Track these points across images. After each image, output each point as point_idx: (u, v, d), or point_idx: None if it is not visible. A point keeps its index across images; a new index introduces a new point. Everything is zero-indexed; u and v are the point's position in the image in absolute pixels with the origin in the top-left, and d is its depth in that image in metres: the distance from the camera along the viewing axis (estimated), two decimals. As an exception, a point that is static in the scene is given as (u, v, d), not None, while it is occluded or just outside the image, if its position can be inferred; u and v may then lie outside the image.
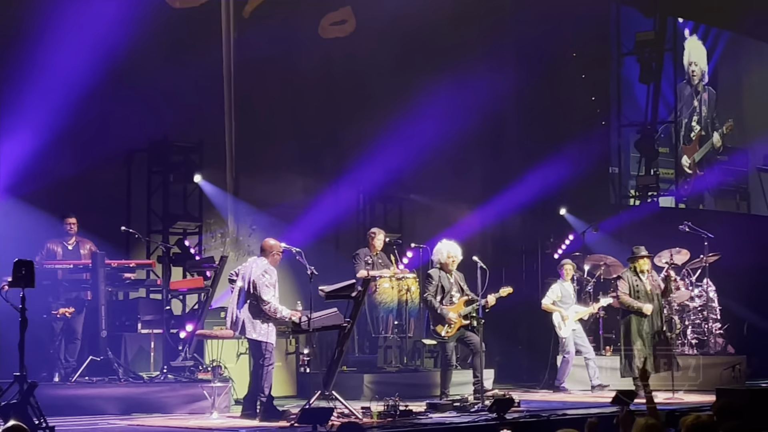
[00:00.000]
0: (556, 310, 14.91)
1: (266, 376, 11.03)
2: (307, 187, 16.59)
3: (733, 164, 21.39)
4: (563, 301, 14.97)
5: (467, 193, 18.39)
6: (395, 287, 14.20)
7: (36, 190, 12.99)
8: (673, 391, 13.53)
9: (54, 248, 12.64)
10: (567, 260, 15.46)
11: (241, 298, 11.17)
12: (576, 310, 15.03)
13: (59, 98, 12.82)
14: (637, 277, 13.78)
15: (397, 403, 10.92)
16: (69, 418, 10.44)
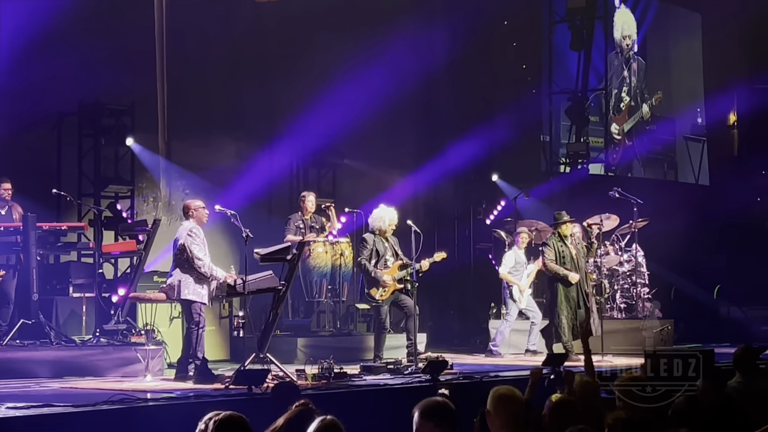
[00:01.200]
0: (514, 282, 14.85)
1: (200, 339, 10.98)
2: (240, 151, 16.49)
3: (660, 133, 21.64)
4: (516, 269, 14.97)
5: (400, 159, 18.41)
6: (329, 252, 14.20)
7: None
8: (602, 354, 13.71)
9: None
10: (523, 228, 15.42)
11: (173, 263, 11.11)
12: (527, 273, 15.05)
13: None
14: (562, 243, 13.93)
15: (331, 366, 10.93)
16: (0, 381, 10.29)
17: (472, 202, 18.89)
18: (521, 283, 14.83)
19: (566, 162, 20.12)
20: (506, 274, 14.91)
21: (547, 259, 13.90)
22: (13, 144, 13.52)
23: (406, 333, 12.82)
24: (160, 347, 11.73)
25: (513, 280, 14.87)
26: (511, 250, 15.20)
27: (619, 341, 14.66)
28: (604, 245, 15.71)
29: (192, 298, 10.93)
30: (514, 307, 14.88)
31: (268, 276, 11.21)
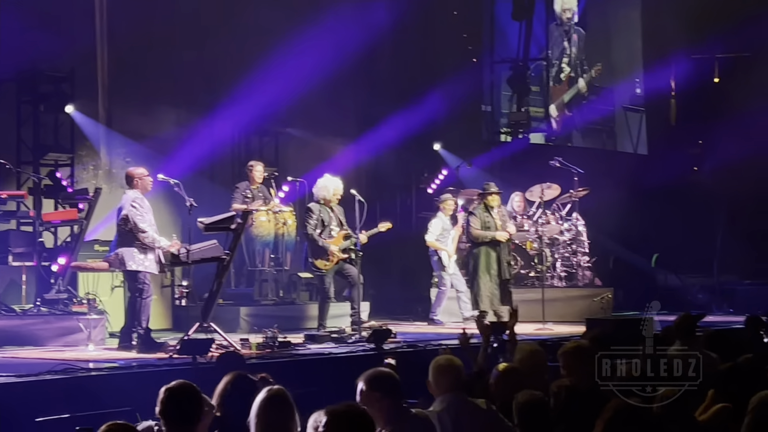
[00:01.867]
0: (441, 248, 14.93)
1: (144, 309, 10.93)
2: (182, 119, 16.32)
3: (600, 103, 21.77)
4: (443, 235, 15.08)
5: (343, 128, 18.36)
6: (272, 221, 14.17)
7: None
8: (543, 322, 13.85)
9: None
10: (447, 195, 15.51)
11: (116, 234, 11.02)
12: (451, 238, 15.14)
13: None
14: (488, 213, 14.06)
15: (275, 335, 10.94)
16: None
17: (415, 171, 18.91)
18: (448, 248, 14.92)
19: (507, 131, 20.19)
20: (433, 241, 14.97)
21: (473, 227, 14.03)
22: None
23: (349, 302, 12.86)
24: (102, 316, 11.66)
25: (440, 246, 14.96)
26: (437, 217, 15.25)
27: (559, 310, 14.81)
28: (545, 214, 15.83)
29: (137, 268, 10.87)
30: (445, 274, 14.99)
31: (213, 245, 11.16)
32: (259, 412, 5.09)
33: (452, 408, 6.05)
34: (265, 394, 5.19)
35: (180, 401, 5.06)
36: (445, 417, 6.02)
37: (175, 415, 5.04)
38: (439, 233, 15.04)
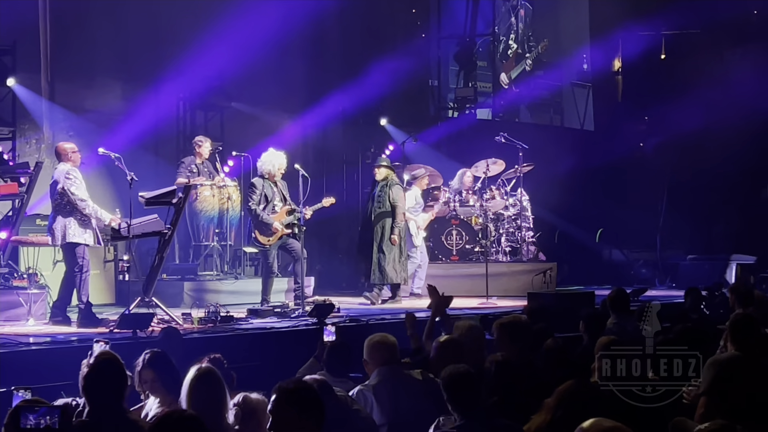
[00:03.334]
0: (410, 219, 14.94)
1: (83, 283, 10.90)
2: (126, 92, 16.23)
3: (548, 79, 21.91)
4: (415, 208, 15.09)
5: (289, 102, 18.32)
6: (216, 195, 14.18)
7: None
8: (487, 296, 13.99)
9: None
10: (422, 171, 15.53)
11: (52, 208, 10.97)
12: (423, 218, 15.24)
13: None
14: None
15: (217, 310, 10.98)
16: None
17: (361, 146, 18.94)
18: (417, 219, 14.98)
19: (454, 107, 20.28)
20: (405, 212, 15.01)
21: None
22: None
23: (293, 276, 12.90)
24: (43, 291, 11.63)
25: (411, 216, 14.98)
26: (411, 189, 15.25)
27: (503, 284, 14.96)
28: (490, 189, 15.95)
29: (76, 240, 10.83)
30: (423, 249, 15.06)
31: (154, 219, 11.18)
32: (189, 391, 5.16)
33: (388, 381, 6.14)
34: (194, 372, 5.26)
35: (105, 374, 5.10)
36: (381, 389, 6.11)
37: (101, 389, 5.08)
38: (411, 206, 15.04)
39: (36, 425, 4.19)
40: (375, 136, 19.01)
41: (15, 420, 4.19)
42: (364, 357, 6.32)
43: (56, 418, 4.20)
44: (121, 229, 10.90)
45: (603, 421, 3.90)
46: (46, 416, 4.21)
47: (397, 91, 18.95)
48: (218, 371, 5.30)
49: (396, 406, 6.02)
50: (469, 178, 16.13)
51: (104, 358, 5.20)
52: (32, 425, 4.18)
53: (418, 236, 15.04)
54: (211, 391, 5.13)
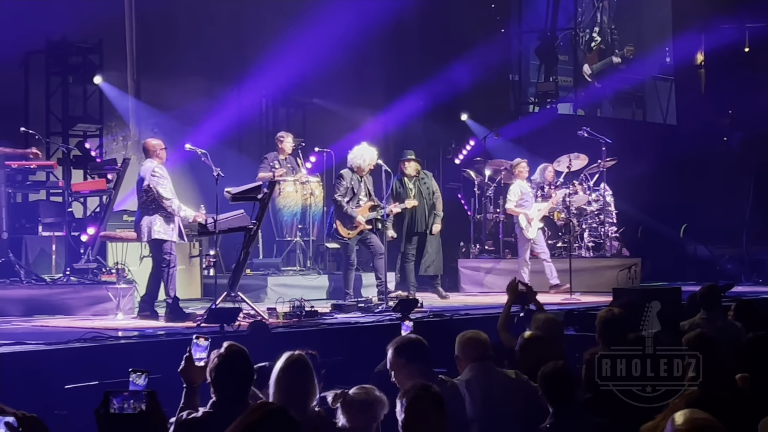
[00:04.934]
0: (520, 212, 14.71)
1: (170, 278, 10.97)
2: (210, 90, 16.39)
3: (630, 72, 21.64)
4: (524, 199, 14.92)
5: (370, 98, 18.33)
6: (299, 191, 14.20)
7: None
8: (571, 292, 13.83)
9: None
10: (519, 159, 15.32)
11: (138, 205, 11.07)
12: (538, 208, 14.93)
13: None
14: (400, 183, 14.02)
15: (302, 304, 10.98)
16: (-30, 319, 10.28)
17: (442, 141, 18.87)
18: (529, 212, 14.74)
19: (535, 102, 20.12)
20: (513, 207, 14.80)
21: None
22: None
23: (375, 272, 12.88)
24: (131, 286, 11.72)
25: (518, 210, 14.71)
26: (514, 183, 15.06)
27: (586, 280, 14.78)
28: (573, 184, 15.78)
29: (162, 237, 10.91)
30: (540, 242, 14.77)
31: (240, 215, 11.19)
32: (278, 377, 5.15)
33: (480, 377, 6.09)
34: (285, 359, 5.25)
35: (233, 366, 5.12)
36: (474, 385, 6.07)
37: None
38: (518, 198, 14.81)
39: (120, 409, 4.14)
40: (455, 131, 18.94)
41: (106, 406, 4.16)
42: (456, 353, 6.27)
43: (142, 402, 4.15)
44: (207, 224, 10.94)
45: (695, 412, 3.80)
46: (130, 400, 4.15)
47: (478, 87, 18.87)
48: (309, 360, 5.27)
49: (488, 402, 5.96)
50: (551, 172, 15.95)
51: (233, 350, 5.19)
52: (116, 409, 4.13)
53: (530, 229, 14.76)
54: (300, 378, 5.12)
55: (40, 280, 11.98)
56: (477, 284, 15.58)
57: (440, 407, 4.60)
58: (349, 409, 5.04)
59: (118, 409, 4.08)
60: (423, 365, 5.80)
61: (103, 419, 4.08)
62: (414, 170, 14.03)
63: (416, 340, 6.04)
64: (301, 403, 4.99)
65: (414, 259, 14.12)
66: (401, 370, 5.83)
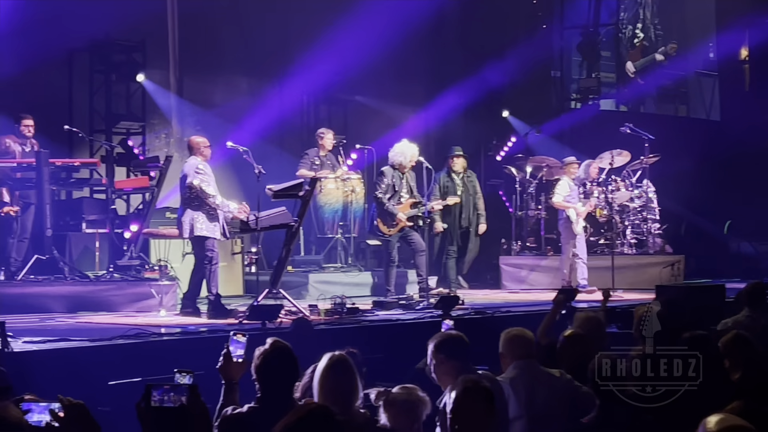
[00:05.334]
0: (569, 206, 14.58)
1: (213, 275, 10.98)
2: (252, 87, 16.46)
3: (673, 68, 21.46)
4: (571, 196, 14.75)
5: (411, 95, 18.33)
6: (340, 188, 14.22)
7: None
8: (613, 289, 13.73)
9: (13, 147, 12.35)
10: (572, 158, 15.22)
11: (181, 202, 11.10)
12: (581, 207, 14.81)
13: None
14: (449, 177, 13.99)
15: (343, 301, 10.99)
16: (16, 316, 10.33)
17: (483, 138, 18.81)
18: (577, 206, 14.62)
19: (577, 98, 20.01)
20: (561, 201, 14.67)
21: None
22: (25, 81, 13.44)
23: (416, 269, 12.86)
24: (173, 283, 11.79)
25: (566, 204, 14.59)
26: (563, 179, 14.96)
27: (629, 277, 14.69)
28: (615, 181, 15.68)
29: (205, 234, 10.94)
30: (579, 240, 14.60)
31: (281, 212, 11.22)
32: (321, 378, 5.15)
33: (525, 375, 6.07)
34: (327, 360, 5.25)
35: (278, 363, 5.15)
36: (518, 383, 6.06)
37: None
38: (567, 194, 14.69)
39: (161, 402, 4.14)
40: (496, 128, 18.89)
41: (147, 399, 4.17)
42: (500, 350, 6.26)
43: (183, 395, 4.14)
44: (249, 221, 10.98)
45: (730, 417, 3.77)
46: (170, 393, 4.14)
47: (519, 83, 18.81)
48: (351, 360, 5.28)
49: (532, 400, 5.95)
50: (594, 169, 15.83)
51: (278, 346, 5.22)
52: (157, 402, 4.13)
53: (578, 223, 14.63)
54: (343, 379, 5.13)
55: (84, 276, 12.08)
56: (518, 281, 15.52)
57: (490, 402, 4.59)
58: (391, 408, 5.04)
59: (158, 402, 4.09)
60: (462, 362, 5.80)
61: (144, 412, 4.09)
62: (461, 166, 14.08)
63: (456, 336, 6.04)
64: (344, 404, 4.99)
65: (456, 256, 14.12)
66: (440, 367, 5.84)
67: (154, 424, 4.06)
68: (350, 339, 8.13)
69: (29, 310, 11.00)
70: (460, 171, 14.05)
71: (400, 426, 5.04)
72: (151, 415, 4.06)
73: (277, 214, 11.18)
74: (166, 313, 11.17)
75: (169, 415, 4.07)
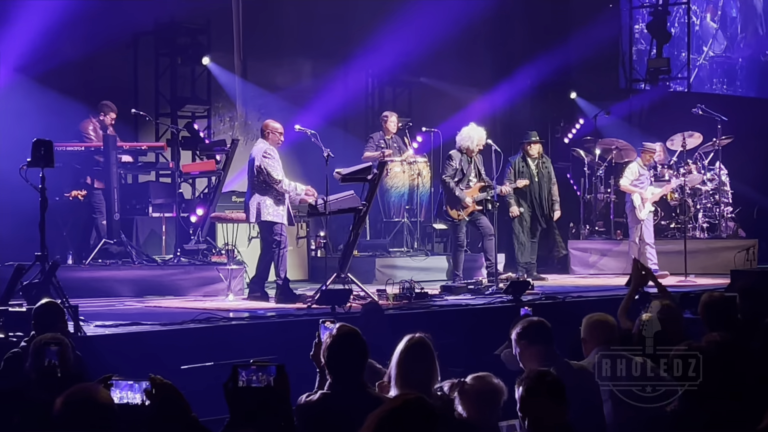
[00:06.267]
0: (634, 191, 14.47)
1: (281, 259, 11.05)
2: (316, 70, 16.47)
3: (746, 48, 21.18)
4: (640, 181, 14.61)
5: (476, 77, 18.24)
6: (406, 171, 14.21)
7: (46, 71, 12.84)
8: (686, 274, 13.62)
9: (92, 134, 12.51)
10: (653, 145, 15.06)
11: (248, 186, 11.14)
12: (652, 191, 14.65)
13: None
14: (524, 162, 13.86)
15: (412, 286, 10.98)
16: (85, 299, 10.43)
17: (550, 120, 18.67)
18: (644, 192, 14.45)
19: (647, 78, 19.78)
20: (628, 185, 14.55)
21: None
22: (91, 65, 13.61)
23: (484, 253, 12.82)
24: (241, 267, 11.87)
25: (632, 188, 14.45)
26: (634, 162, 14.78)
27: (701, 261, 14.53)
28: (687, 164, 15.49)
29: (272, 219, 10.98)
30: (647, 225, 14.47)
31: (350, 196, 11.22)
32: (399, 360, 5.15)
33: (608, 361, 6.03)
34: (405, 342, 5.25)
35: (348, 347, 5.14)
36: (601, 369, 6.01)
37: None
38: (635, 177, 14.56)
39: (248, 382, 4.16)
40: (564, 109, 18.75)
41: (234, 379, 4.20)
42: (582, 335, 6.22)
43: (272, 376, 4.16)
44: (318, 205, 11.01)
45: None
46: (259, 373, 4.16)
47: (587, 64, 18.65)
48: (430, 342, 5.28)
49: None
50: (662, 152, 15.68)
51: (346, 331, 5.22)
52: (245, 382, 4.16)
53: (642, 210, 14.50)
54: (422, 361, 5.12)
55: (151, 260, 12.20)
56: (587, 266, 15.40)
57: (558, 394, 4.58)
58: (467, 399, 5.03)
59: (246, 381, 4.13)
60: (546, 346, 5.79)
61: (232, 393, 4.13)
62: (537, 152, 13.97)
63: (539, 321, 6.03)
64: (423, 387, 4.98)
65: (526, 240, 14.00)
66: (524, 353, 5.83)
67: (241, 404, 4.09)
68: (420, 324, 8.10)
69: (98, 294, 11.15)
70: (535, 156, 13.95)
71: (477, 415, 5.03)
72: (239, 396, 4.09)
73: (346, 198, 11.19)
74: (233, 298, 11.25)
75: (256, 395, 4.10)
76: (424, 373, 5.13)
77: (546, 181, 13.97)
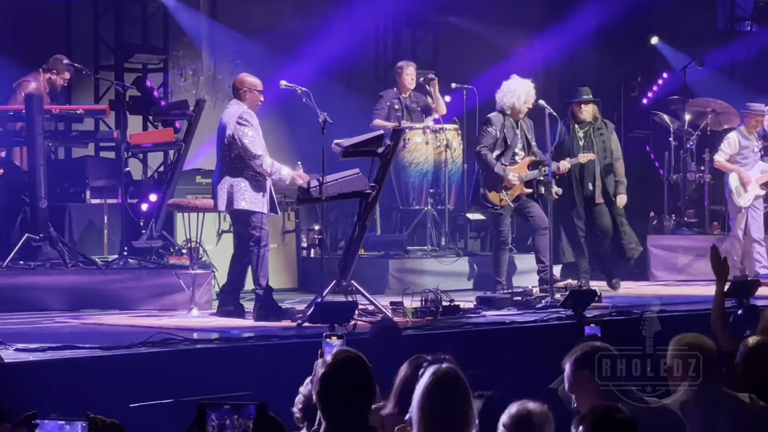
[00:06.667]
0: (732, 169, 14.57)
1: (261, 261, 10.98)
2: (308, 7, 16.47)
3: None
4: (743, 155, 14.69)
5: (523, 16, 18.28)
6: (431, 142, 14.22)
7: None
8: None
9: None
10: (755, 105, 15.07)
11: (218, 163, 11.13)
12: (762, 169, 14.73)
13: None
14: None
15: (438, 298, 11.00)
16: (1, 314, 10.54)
17: (622, 75, 18.72)
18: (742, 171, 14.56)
19: (753, 17, 19.80)
20: (723, 161, 14.66)
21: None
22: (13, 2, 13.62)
23: (535, 253, 12.83)
24: (208, 271, 11.86)
25: (729, 165, 14.55)
26: (735, 131, 14.87)
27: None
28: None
29: (248, 207, 10.94)
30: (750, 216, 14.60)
31: (355, 175, 11.14)
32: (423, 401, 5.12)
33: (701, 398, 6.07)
34: (430, 376, 5.24)
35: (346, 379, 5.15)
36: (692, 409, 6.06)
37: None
38: (735, 151, 14.65)
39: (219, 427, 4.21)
40: (641, 60, 18.78)
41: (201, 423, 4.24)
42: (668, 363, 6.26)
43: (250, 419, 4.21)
44: (311, 188, 10.90)
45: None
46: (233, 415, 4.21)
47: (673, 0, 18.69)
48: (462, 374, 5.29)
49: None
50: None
51: (344, 357, 5.21)
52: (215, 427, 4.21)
53: (743, 195, 14.56)
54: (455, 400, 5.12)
55: (90, 262, 12.21)
56: (673, 269, 15.43)
57: None
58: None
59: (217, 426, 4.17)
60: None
61: None
62: (591, 115, 13.83)
63: (603, 347, 6.05)
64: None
65: (584, 235, 13.90)
66: (584, 387, 5.86)
67: None
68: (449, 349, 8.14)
69: (19, 306, 11.19)
70: (587, 121, 13.81)
71: None
72: None
73: (349, 179, 11.13)
74: (198, 313, 11.26)
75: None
76: (456, 415, 5.15)
77: (601, 155, 13.80)
